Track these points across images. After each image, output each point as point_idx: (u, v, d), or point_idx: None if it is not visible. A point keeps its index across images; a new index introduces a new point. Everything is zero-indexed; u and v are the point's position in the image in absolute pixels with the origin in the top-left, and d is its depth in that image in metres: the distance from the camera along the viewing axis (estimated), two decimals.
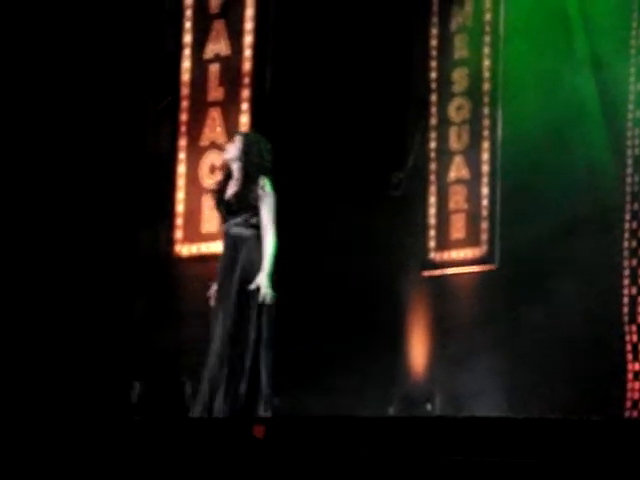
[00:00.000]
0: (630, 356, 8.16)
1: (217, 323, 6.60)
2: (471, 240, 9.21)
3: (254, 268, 6.60)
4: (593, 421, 5.08)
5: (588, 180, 8.31)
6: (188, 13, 9.24)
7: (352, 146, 9.05)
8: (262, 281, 6.56)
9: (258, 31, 8.90)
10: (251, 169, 6.67)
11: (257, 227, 6.66)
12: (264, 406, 6.51)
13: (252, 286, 6.53)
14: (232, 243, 6.67)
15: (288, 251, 8.99)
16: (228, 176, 6.81)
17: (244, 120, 8.93)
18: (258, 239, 6.65)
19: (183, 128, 9.15)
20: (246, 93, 8.93)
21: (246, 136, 6.85)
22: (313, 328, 8.89)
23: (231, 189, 6.73)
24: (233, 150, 6.76)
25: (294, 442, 5.43)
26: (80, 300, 8.79)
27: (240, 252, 6.63)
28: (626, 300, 8.24)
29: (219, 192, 6.79)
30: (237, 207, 6.65)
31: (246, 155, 6.69)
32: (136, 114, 9.13)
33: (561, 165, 8.41)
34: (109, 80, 8.93)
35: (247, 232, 6.66)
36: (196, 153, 9.06)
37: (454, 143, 9.39)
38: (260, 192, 6.63)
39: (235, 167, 6.74)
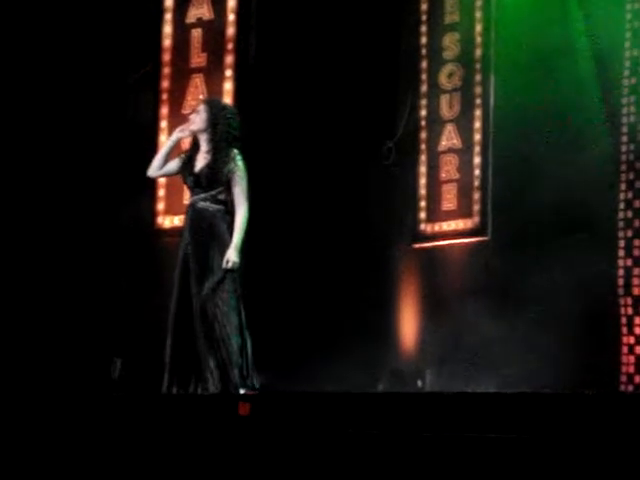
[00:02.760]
0: (625, 329, 8.10)
1: (180, 301, 6.52)
2: (463, 211, 9.13)
3: (224, 245, 6.48)
4: (587, 395, 5.05)
5: (583, 149, 8.21)
6: None
7: (341, 114, 8.96)
8: (232, 256, 6.44)
9: None
10: (221, 141, 6.51)
11: (224, 203, 6.53)
12: (241, 380, 6.41)
13: (224, 264, 6.43)
14: (198, 218, 6.53)
15: (276, 223, 8.93)
16: (195, 148, 6.63)
17: (228, 87, 8.83)
18: (225, 215, 6.51)
19: (165, 96, 9.06)
20: (230, 59, 8.83)
21: (211, 104, 6.66)
22: (302, 302, 8.83)
23: (200, 162, 6.58)
24: (199, 121, 6.58)
25: (282, 419, 5.40)
26: (61, 274, 8.78)
27: (207, 228, 6.51)
28: (621, 272, 8.18)
29: (186, 164, 6.63)
30: (207, 181, 6.52)
31: (214, 126, 6.53)
32: (117, 82, 9.05)
33: (555, 133, 8.33)
34: (89, 46, 8.85)
35: (214, 207, 6.53)
36: (178, 121, 8.87)
37: (445, 111, 9.28)
38: (232, 166, 6.49)
39: (203, 138, 6.58)
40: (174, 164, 6.73)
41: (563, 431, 4.76)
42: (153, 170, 6.79)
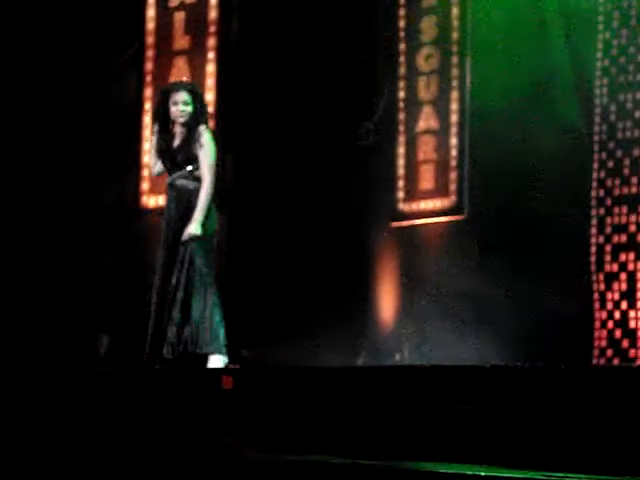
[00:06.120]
0: (597, 304, 8.22)
1: (163, 274, 6.71)
2: (440, 190, 9.19)
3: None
4: (561, 369, 5.09)
5: (557, 129, 8.30)
6: None
7: (320, 96, 9.00)
8: (189, 229, 6.60)
9: None
10: (195, 119, 6.69)
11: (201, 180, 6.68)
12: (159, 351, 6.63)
13: (183, 237, 6.61)
14: (177, 196, 6.71)
15: (256, 202, 9.02)
16: (167, 135, 6.79)
17: (210, 69, 8.88)
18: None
19: (148, 78, 9.10)
20: (212, 42, 8.87)
21: (195, 96, 6.79)
22: (281, 280, 8.91)
23: (175, 142, 6.75)
24: (187, 113, 6.71)
25: (263, 393, 5.52)
26: (47, 253, 8.78)
27: (186, 204, 6.66)
28: (594, 249, 8.28)
29: (165, 143, 6.78)
30: (182, 159, 6.68)
31: (201, 114, 6.72)
32: (101, 64, 9.07)
33: (530, 115, 8.38)
34: (73, 29, 8.86)
35: (192, 185, 6.69)
36: None
37: (423, 93, 9.31)
38: (201, 141, 6.64)
39: (182, 119, 6.73)
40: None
41: (537, 404, 4.85)
42: (152, 171, 7.02)
